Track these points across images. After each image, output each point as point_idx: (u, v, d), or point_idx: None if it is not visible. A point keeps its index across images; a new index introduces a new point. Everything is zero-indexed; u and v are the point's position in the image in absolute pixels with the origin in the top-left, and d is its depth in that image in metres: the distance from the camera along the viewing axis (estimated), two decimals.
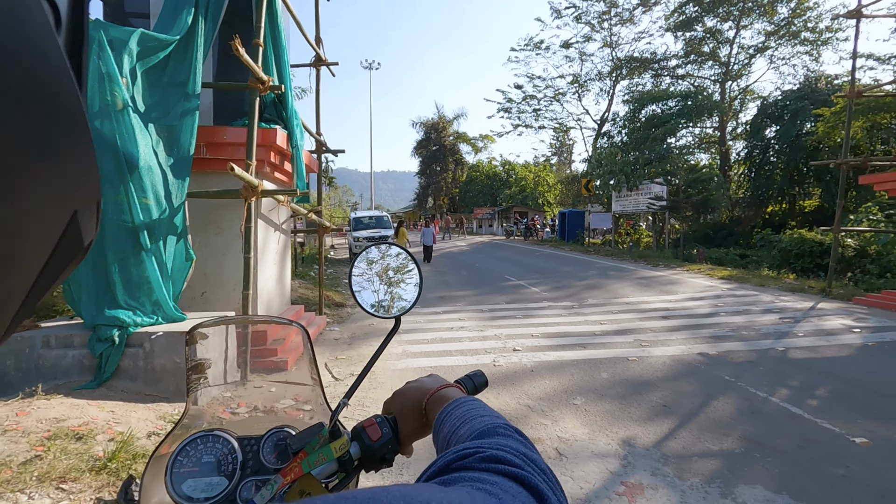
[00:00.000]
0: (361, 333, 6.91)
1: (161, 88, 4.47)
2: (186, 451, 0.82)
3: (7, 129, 0.17)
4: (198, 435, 0.83)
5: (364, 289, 0.85)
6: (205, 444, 0.83)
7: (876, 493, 2.72)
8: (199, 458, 0.82)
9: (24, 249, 0.20)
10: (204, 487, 0.79)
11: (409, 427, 0.69)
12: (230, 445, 0.83)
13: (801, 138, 21.94)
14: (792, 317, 7.24)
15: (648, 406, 4.04)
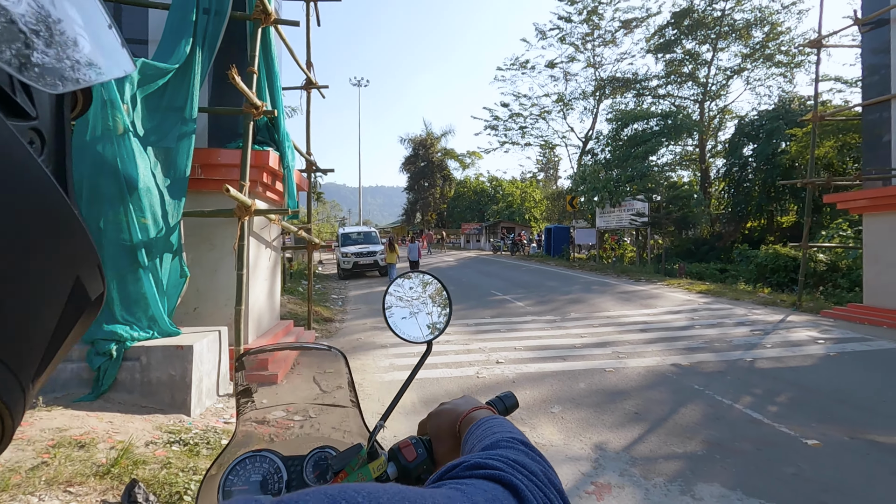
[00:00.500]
0: (349, 348, 7.08)
1: (160, 113, 4.71)
2: (236, 470, 0.87)
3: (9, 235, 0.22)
4: (246, 455, 0.88)
5: (396, 315, 0.89)
6: (253, 464, 0.88)
7: (820, 489, 2.98)
8: (248, 477, 0.87)
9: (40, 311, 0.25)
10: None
11: (444, 448, 0.70)
12: (276, 465, 0.89)
13: (776, 156, 22.78)
14: (762, 329, 7.58)
15: (621, 413, 4.29)
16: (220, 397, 4.65)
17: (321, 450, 0.92)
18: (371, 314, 9.88)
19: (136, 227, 4.13)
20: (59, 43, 0.26)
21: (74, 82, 0.26)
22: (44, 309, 0.26)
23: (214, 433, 3.64)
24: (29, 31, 0.25)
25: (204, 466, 3.07)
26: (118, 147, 4.11)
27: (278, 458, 0.90)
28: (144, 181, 4.23)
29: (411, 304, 0.92)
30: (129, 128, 4.20)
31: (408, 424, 4.10)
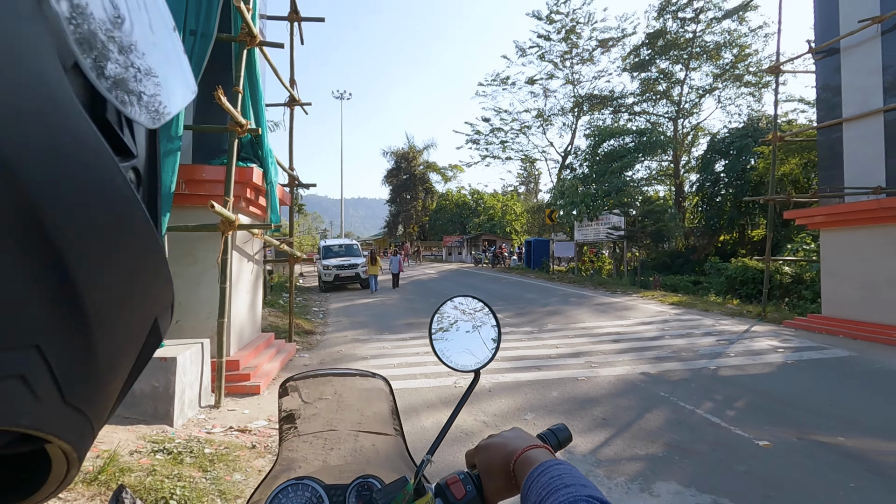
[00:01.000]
0: (330, 360, 7.20)
1: None
2: (279, 498, 0.86)
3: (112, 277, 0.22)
4: (288, 483, 0.88)
5: (441, 340, 0.87)
6: (295, 492, 0.87)
7: (768, 485, 3.24)
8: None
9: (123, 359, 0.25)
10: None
11: (494, 486, 0.67)
12: (318, 494, 0.87)
13: (746, 173, 23.69)
14: (727, 339, 7.94)
15: (590, 419, 4.51)
16: (201, 408, 4.74)
17: (364, 479, 0.90)
18: (352, 327, 9.99)
19: None
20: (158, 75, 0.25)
21: (166, 115, 0.26)
22: (125, 356, 0.25)
23: (197, 442, 3.74)
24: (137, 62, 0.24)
25: (188, 474, 3.19)
26: None
27: (321, 487, 0.88)
28: None
29: (458, 330, 0.88)
30: None
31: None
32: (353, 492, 0.88)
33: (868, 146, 7.98)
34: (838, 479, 3.29)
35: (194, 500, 2.84)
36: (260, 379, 5.56)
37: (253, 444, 3.98)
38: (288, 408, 0.97)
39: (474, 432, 4.24)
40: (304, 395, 0.99)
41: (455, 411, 0.81)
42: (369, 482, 0.89)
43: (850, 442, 3.87)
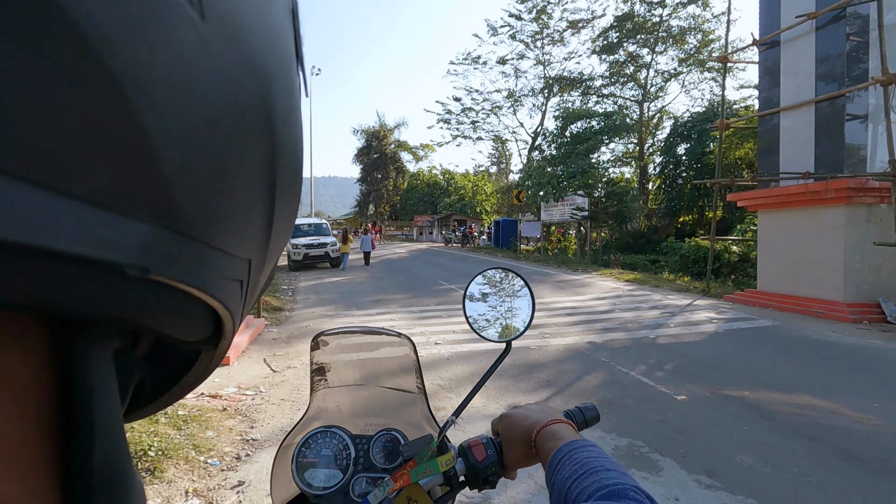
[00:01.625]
0: (298, 334, 7.50)
1: None
2: (309, 443, 0.92)
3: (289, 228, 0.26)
4: (318, 430, 0.93)
5: (474, 311, 0.89)
6: (324, 439, 0.92)
7: (675, 430, 3.79)
8: (319, 450, 0.91)
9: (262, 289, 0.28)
10: (322, 478, 0.89)
11: (515, 454, 0.69)
12: (345, 442, 0.92)
13: (705, 156, 24.68)
14: (671, 312, 8.63)
15: (535, 382, 5.01)
16: None
17: (387, 431, 0.94)
18: (320, 303, 10.27)
19: None
20: None
21: None
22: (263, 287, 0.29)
23: (172, 407, 4.03)
24: None
25: (163, 431, 3.50)
26: None
27: (347, 436, 0.93)
28: None
29: (491, 302, 0.91)
30: None
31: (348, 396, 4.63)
32: (376, 442, 0.92)
33: (800, 134, 8.66)
34: (736, 424, 3.86)
35: (171, 451, 3.16)
36: (230, 350, 5.83)
37: (224, 407, 4.30)
38: (318, 361, 1.02)
39: (431, 394, 4.65)
40: (333, 350, 1.03)
41: (482, 380, 0.84)
42: (392, 435, 0.93)
43: (753, 395, 4.48)
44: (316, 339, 1.00)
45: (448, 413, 4.12)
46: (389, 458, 0.91)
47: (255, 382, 5.08)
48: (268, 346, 6.64)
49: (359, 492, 0.87)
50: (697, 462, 3.28)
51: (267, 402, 4.48)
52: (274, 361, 5.87)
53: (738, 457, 3.34)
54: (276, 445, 3.60)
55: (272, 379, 5.22)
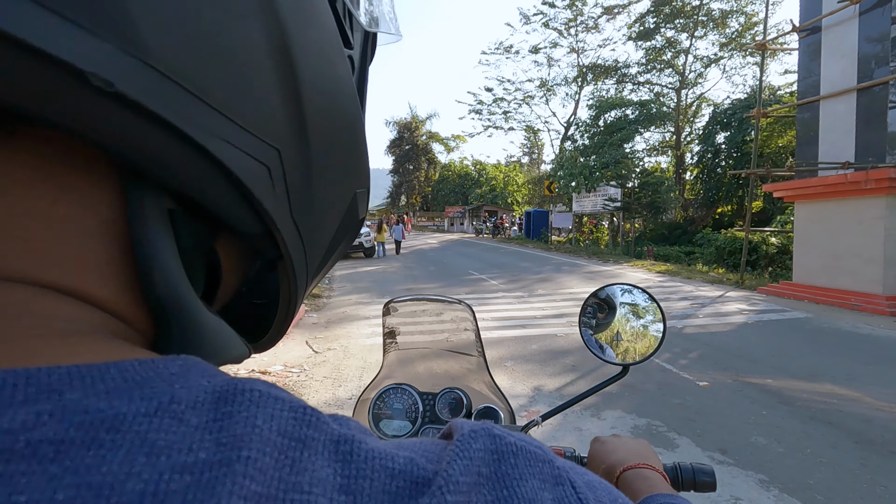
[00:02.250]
0: (336, 319, 7.95)
1: None
2: (383, 398, 1.04)
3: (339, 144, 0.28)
4: (390, 387, 1.05)
5: (592, 328, 0.88)
6: (395, 394, 1.04)
7: (693, 413, 3.97)
8: (391, 404, 1.03)
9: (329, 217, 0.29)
10: (395, 427, 1.02)
11: None
12: (413, 398, 1.03)
13: (746, 144, 23.92)
14: (701, 303, 8.64)
15: (561, 366, 5.25)
16: None
17: (451, 390, 1.04)
18: (355, 291, 10.74)
19: None
20: None
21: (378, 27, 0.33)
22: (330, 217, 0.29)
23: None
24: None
25: None
26: None
27: (415, 392, 1.04)
28: None
29: (613, 320, 0.88)
30: None
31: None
32: (441, 399, 1.02)
33: (841, 123, 8.45)
34: (754, 409, 4.01)
35: None
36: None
37: (274, 382, 4.73)
38: (389, 325, 1.13)
39: (460, 375, 4.97)
40: (401, 315, 1.13)
41: (586, 393, 0.86)
42: (456, 393, 1.02)
43: (775, 382, 4.59)
44: (387, 306, 1.12)
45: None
46: (453, 413, 1.02)
47: (298, 362, 5.52)
48: (309, 330, 7.11)
49: None
50: (712, 441, 3.47)
51: (311, 380, 4.90)
52: (315, 343, 6.31)
53: (753, 437, 3.51)
54: None
55: (314, 359, 5.65)
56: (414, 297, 1.16)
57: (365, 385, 1.14)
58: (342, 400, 4.33)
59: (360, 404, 1.10)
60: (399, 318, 1.16)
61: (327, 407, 4.18)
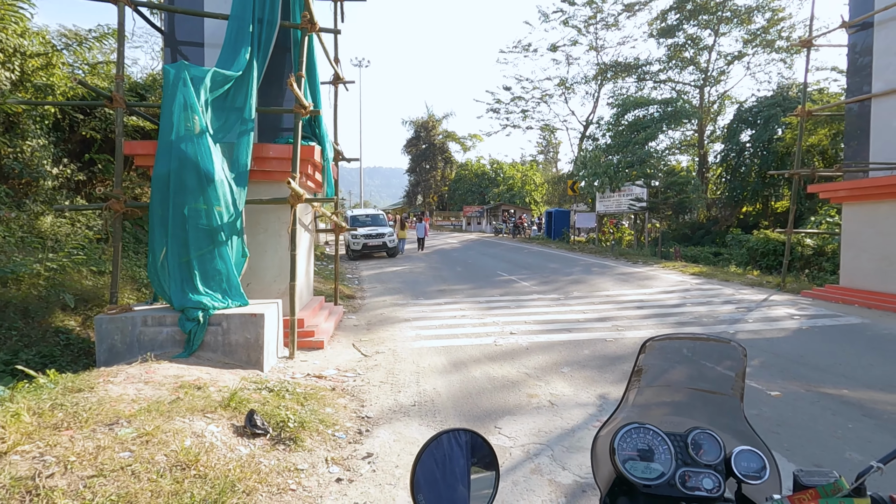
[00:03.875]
0: (376, 321, 7.90)
1: (224, 113, 5.41)
2: (625, 437, 0.99)
3: None
4: (632, 426, 1.00)
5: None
6: (638, 434, 0.99)
7: (775, 424, 3.82)
8: (635, 444, 0.97)
9: None
10: (644, 470, 0.94)
11: None
12: (660, 437, 0.97)
13: (772, 143, 23.42)
14: (746, 307, 8.43)
15: (620, 373, 5.12)
16: (279, 358, 5.48)
17: (700, 430, 0.98)
18: (387, 292, 10.69)
19: (214, 214, 4.88)
20: None
21: None
22: None
23: (289, 384, 4.45)
24: None
25: (291, 406, 3.88)
26: (197, 145, 4.84)
27: (661, 433, 0.98)
28: (218, 174, 4.96)
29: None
30: (204, 128, 4.92)
31: (442, 381, 4.93)
32: (692, 439, 0.97)
33: (895, 122, 8.17)
34: (838, 422, 3.85)
35: (305, 424, 3.54)
36: (322, 335, 6.28)
37: (332, 387, 4.68)
38: (641, 363, 1.10)
39: (518, 381, 4.88)
40: (656, 354, 1.11)
41: None
42: (707, 433, 0.97)
43: (852, 393, 4.42)
44: (645, 344, 1.10)
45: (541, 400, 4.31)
46: (708, 455, 0.96)
47: (350, 366, 5.47)
48: (352, 333, 7.07)
49: (688, 484, 0.93)
50: (804, 456, 3.33)
51: (368, 384, 4.84)
52: (363, 347, 6.26)
53: (847, 453, 3.36)
54: (390, 423, 3.92)
55: (365, 363, 5.59)
56: (676, 336, 1.12)
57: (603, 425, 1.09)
58: (406, 406, 4.26)
59: (600, 441, 1.06)
60: (653, 357, 1.13)
61: (392, 413, 4.12)
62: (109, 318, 4.60)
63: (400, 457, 3.35)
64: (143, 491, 2.35)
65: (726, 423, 1.05)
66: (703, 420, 1.06)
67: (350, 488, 2.94)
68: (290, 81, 5.23)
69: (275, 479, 2.87)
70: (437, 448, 0.91)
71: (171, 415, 3.17)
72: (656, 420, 1.05)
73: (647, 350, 1.10)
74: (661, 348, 1.12)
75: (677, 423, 1.07)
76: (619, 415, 1.10)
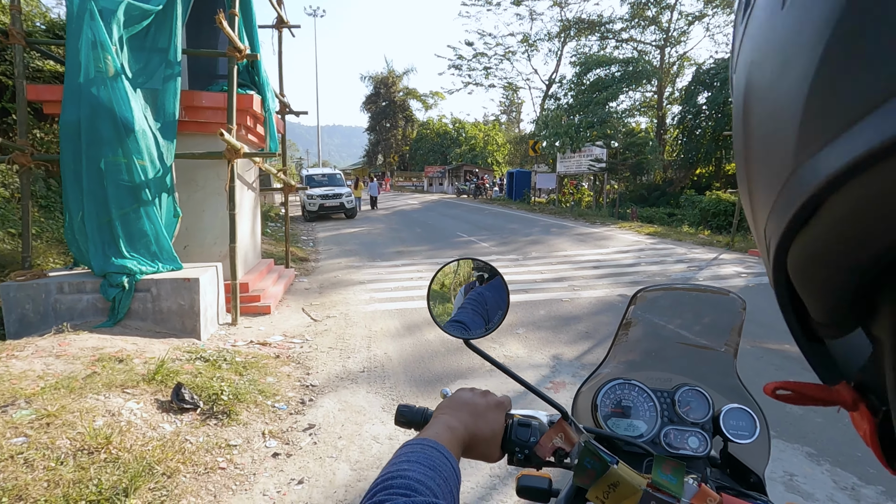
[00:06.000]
0: (329, 284, 7.60)
1: (145, 54, 4.79)
2: (608, 393, 0.94)
3: None
4: (616, 382, 0.95)
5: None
6: (623, 390, 0.94)
7: None
8: (619, 401, 0.93)
9: None
10: (626, 427, 0.91)
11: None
12: (645, 394, 0.93)
13: (727, 105, 23.85)
14: (697, 265, 8.63)
15: (574, 333, 5.10)
16: (220, 325, 5.14)
17: (689, 388, 0.92)
18: (343, 254, 10.34)
19: (136, 168, 4.37)
20: None
21: None
22: None
23: (227, 353, 4.15)
24: None
25: (228, 377, 3.61)
26: (112, 90, 4.26)
27: (647, 389, 0.93)
28: (139, 123, 4.42)
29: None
30: (120, 70, 4.33)
31: (394, 345, 4.75)
32: (680, 397, 0.91)
33: None
34: (780, 376, 3.95)
35: (241, 395, 3.29)
36: (269, 300, 5.95)
37: (276, 354, 4.42)
38: (629, 315, 1.02)
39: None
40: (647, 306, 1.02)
41: None
42: (696, 390, 0.91)
43: (794, 349, 4.53)
44: (636, 295, 1.01)
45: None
46: (695, 413, 0.90)
47: (298, 331, 5.20)
48: (303, 297, 6.76)
49: (673, 443, 0.88)
50: None
51: (316, 350, 4.61)
52: (312, 311, 5.99)
53: (788, 407, 3.43)
54: (336, 391, 3.71)
55: (314, 328, 5.34)
56: (669, 286, 1.03)
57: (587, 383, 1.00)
58: (354, 373, 4.07)
59: (581, 397, 0.99)
60: (643, 309, 1.03)
61: (339, 381, 3.92)
62: (18, 285, 4.11)
63: (344, 427, 3.17)
64: (37, 482, 2.07)
65: (717, 381, 0.97)
66: (692, 377, 0.98)
67: (287, 463, 2.75)
68: (218, 19, 4.65)
69: (202, 457, 2.63)
70: (453, 270, 0.88)
71: (82, 392, 2.85)
72: (642, 376, 0.98)
73: (638, 301, 1.02)
74: (652, 300, 1.04)
75: (665, 379, 0.99)
76: (604, 370, 1.02)
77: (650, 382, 0.96)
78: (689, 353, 1.02)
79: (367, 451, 2.89)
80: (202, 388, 3.23)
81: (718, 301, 1.02)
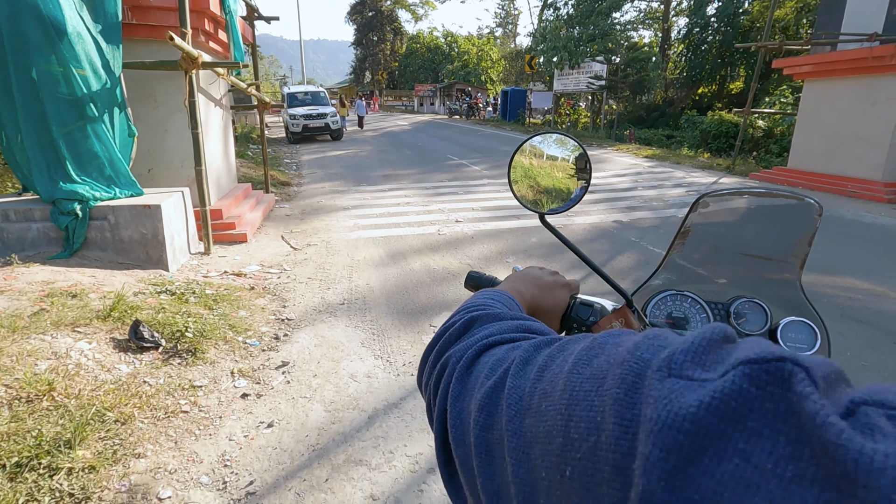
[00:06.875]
0: (311, 210, 7.23)
1: None
2: (658, 304, 0.89)
3: None
4: (668, 293, 0.90)
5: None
6: (674, 301, 0.89)
7: None
8: (671, 312, 0.89)
9: None
10: None
11: None
12: (698, 306, 0.88)
13: (737, 17, 22.26)
14: (696, 190, 8.29)
15: (566, 261, 4.86)
16: (192, 255, 4.83)
17: (746, 300, 0.87)
18: (328, 178, 9.86)
19: (76, 78, 3.82)
20: None
21: None
22: None
23: (197, 285, 3.89)
24: None
25: (195, 311, 3.37)
26: None
27: (701, 300, 0.88)
28: (73, 25, 3.79)
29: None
30: None
31: (377, 275, 4.51)
32: (733, 310, 0.86)
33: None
34: None
35: (208, 332, 3.05)
36: (245, 227, 5.61)
37: (251, 286, 4.17)
38: (690, 222, 0.92)
39: (460, 273, 4.53)
40: (709, 213, 0.93)
41: None
42: (753, 302, 0.86)
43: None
44: (697, 201, 0.91)
45: None
46: (750, 325, 0.84)
47: (276, 260, 4.92)
48: (282, 223, 6.41)
49: None
50: None
51: (294, 281, 4.35)
52: (292, 239, 5.68)
53: None
54: (313, 325, 3.48)
55: (294, 257, 5.06)
56: (739, 190, 0.89)
57: None
58: (333, 305, 3.85)
59: None
60: (704, 216, 0.91)
61: (317, 313, 3.71)
62: None
63: (320, 364, 2.98)
64: None
65: (778, 293, 0.88)
66: (751, 290, 0.90)
67: (257, 405, 2.57)
68: None
69: (162, 400, 2.43)
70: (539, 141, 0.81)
71: (26, 332, 2.58)
72: (696, 288, 0.92)
73: (699, 208, 0.91)
74: (714, 206, 0.93)
75: (721, 291, 0.92)
76: (655, 280, 0.94)
77: (705, 295, 0.90)
78: (751, 264, 0.94)
79: (344, 390, 2.72)
80: (164, 325, 2.98)
81: (790, 207, 0.90)
